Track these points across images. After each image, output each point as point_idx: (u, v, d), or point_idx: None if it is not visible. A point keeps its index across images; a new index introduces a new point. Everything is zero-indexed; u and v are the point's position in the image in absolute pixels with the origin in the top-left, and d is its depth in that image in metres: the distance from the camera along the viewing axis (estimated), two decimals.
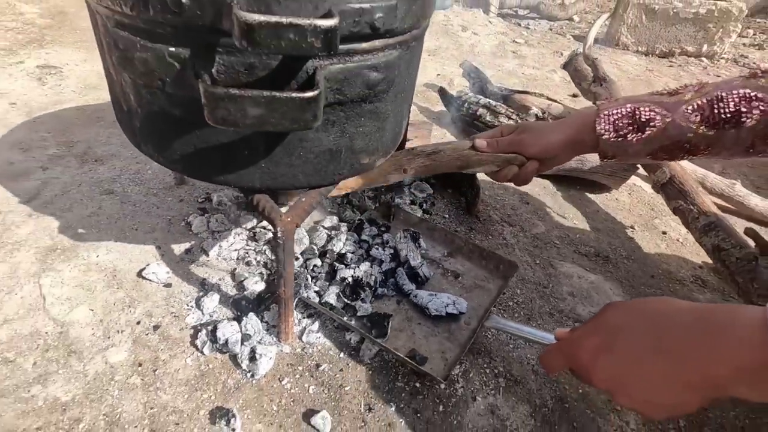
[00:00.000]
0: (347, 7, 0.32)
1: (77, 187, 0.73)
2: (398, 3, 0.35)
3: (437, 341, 0.57)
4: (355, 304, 0.58)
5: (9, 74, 1.06)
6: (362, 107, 0.41)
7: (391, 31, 0.37)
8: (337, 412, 0.49)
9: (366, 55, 0.37)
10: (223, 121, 0.32)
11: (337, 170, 0.45)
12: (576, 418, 0.51)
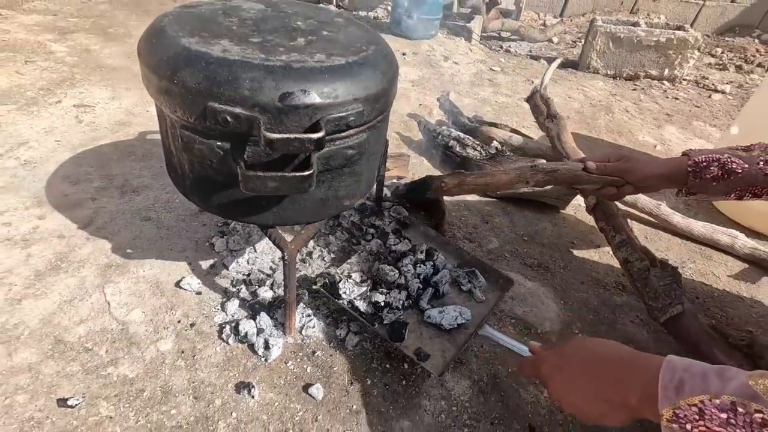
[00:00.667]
0: (330, 116, 0.51)
1: (121, 215, 0.92)
2: (364, 108, 0.54)
3: (440, 342, 0.72)
4: (382, 314, 0.73)
5: (50, 113, 1.25)
6: (343, 170, 0.60)
7: (360, 124, 0.55)
8: (328, 385, 0.67)
9: (344, 140, 0.55)
10: (252, 189, 0.50)
11: (327, 212, 0.64)
12: (504, 389, 0.70)
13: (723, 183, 0.65)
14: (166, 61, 0.50)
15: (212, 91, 0.48)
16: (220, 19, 0.59)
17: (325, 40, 0.58)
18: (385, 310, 0.75)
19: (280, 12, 0.65)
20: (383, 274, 0.79)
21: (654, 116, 1.81)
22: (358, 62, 0.55)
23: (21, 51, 1.57)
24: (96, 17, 1.98)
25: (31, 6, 2.00)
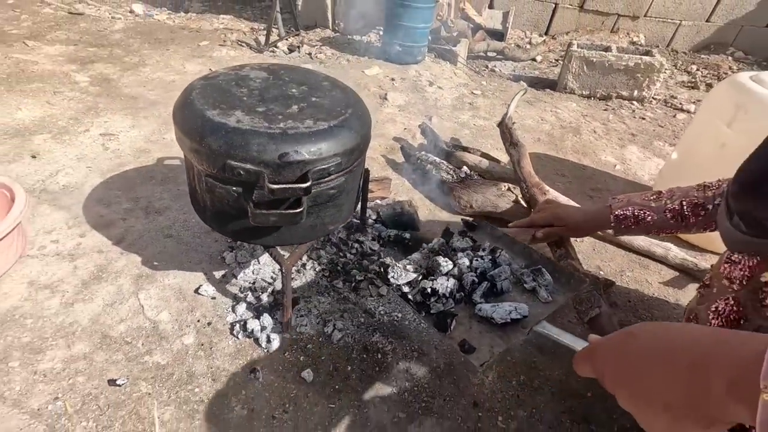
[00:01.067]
0: (315, 168, 0.69)
1: (147, 233, 1.10)
2: (342, 160, 0.73)
3: (490, 337, 0.70)
4: (429, 303, 0.73)
5: (80, 141, 1.43)
6: (327, 204, 0.78)
7: (339, 171, 0.74)
8: (316, 370, 0.85)
9: (327, 183, 0.74)
10: (258, 222, 0.69)
11: (316, 235, 0.83)
12: (456, 374, 0.88)
13: (639, 228, 0.83)
14: (195, 129, 0.69)
15: (230, 153, 0.66)
16: (234, 90, 0.77)
17: (313, 106, 0.77)
18: (433, 298, 0.74)
19: (279, 80, 0.83)
20: (436, 265, 0.79)
21: (619, 136, 2.00)
22: (338, 125, 0.73)
23: (49, 81, 1.77)
24: (113, 46, 2.17)
25: (54, 36, 2.19)
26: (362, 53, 2.40)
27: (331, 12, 2.66)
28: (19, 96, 1.62)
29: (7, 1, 2.59)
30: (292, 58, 2.29)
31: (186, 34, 2.43)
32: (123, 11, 2.93)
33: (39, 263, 0.98)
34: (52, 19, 2.43)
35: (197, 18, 2.95)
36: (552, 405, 0.85)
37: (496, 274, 0.78)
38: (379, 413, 0.79)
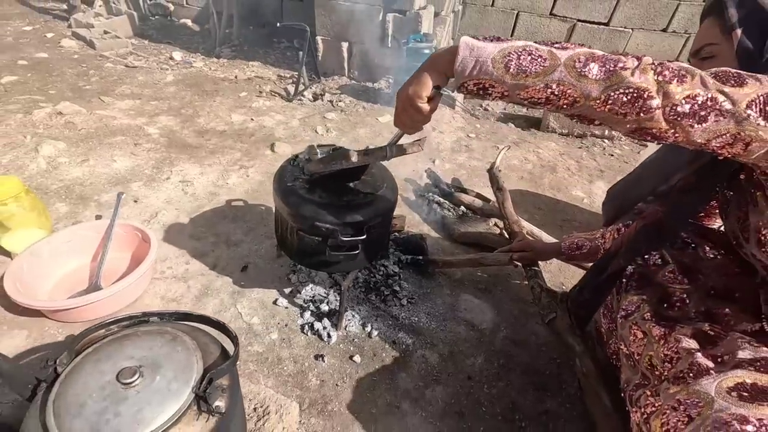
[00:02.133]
0: (368, 225, 1.11)
1: (232, 260, 1.52)
2: (382, 218, 1.15)
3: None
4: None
5: (165, 187, 1.86)
6: (372, 244, 1.20)
7: (380, 224, 1.16)
8: (362, 356, 1.25)
9: (373, 233, 1.16)
10: (332, 260, 1.11)
11: (363, 264, 1.24)
12: (455, 358, 1.28)
13: (581, 255, 1.25)
14: (293, 202, 1.11)
15: (316, 218, 1.08)
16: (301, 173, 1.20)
17: (362, 182, 1.19)
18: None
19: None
20: None
21: (589, 173, 2.42)
22: (380, 195, 1.16)
23: (128, 134, 2.20)
24: (169, 99, 2.62)
25: (120, 91, 2.64)
26: (375, 100, 2.84)
27: (347, 62, 3.11)
28: (109, 148, 2.05)
29: (73, 57, 3.05)
30: (317, 106, 2.73)
31: (227, 85, 2.88)
32: (165, 58, 3.39)
33: (163, 284, 1.39)
34: (114, 73, 2.88)
35: (229, 64, 3.41)
36: (521, 378, 1.25)
37: None
38: (405, 383, 1.20)
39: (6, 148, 1.95)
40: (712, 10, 0.83)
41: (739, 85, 0.61)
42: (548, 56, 0.65)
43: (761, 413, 0.58)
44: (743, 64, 0.75)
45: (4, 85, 2.52)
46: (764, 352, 0.73)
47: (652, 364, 0.85)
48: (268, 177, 2.00)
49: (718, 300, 0.91)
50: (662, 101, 0.61)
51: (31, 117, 2.20)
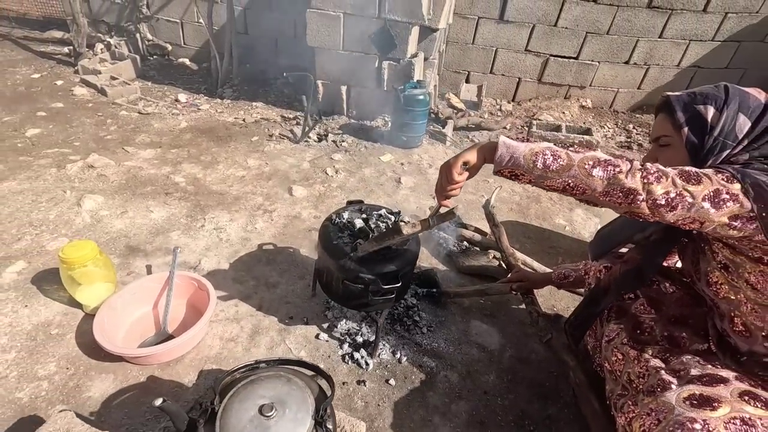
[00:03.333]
0: (400, 273, 1.38)
1: (274, 301, 1.75)
2: (410, 266, 1.41)
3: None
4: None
5: (201, 235, 2.08)
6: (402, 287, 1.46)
7: (410, 271, 1.42)
8: (395, 378, 1.50)
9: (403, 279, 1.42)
10: (373, 302, 1.37)
11: (393, 303, 1.50)
12: (472, 376, 1.55)
13: (568, 283, 1.55)
14: (339, 256, 1.37)
15: (360, 270, 1.34)
16: (349, 230, 1.46)
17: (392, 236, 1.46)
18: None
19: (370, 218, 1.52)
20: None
21: (569, 202, 2.75)
22: (408, 248, 1.42)
23: (157, 183, 2.41)
24: (187, 146, 2.84)
25: (140, 140, 2.85)
26: (374, 139, 3.12)
27: (346, 103, 3.40)
28: (143, 199, 2.26)
29: (87, 105, 3.23)
30: (322, 147, 2.99)
31: (238, 129, 3.12)
32: (171, 101, 3.60)
33: (220, 326, 1.62)
34: (130, 121, 3.08)
35: (233, 105, 3.65)
36: (527, 390, 1.52)
37: None
38: (433, 399, 1.46)
39: (50, 203, 2.14)
40: (663, 108, 1.12)
41: (697, 183, 0.89)
42: (566, 158, 0.92)
43: (705, 416, 0.86)
44: (691, 153, 1.04)
45: (31, 139, 2.70)
46: (709, 369, 1.02)
47: (630, 379, 1.13)
48: (291, 220, 2.25)
49: (677, 326, 1.21)
50: (646, 197, 0.89)
51: (65, 171, 2.39)
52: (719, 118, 1.01)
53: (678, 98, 1.07)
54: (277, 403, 0.86)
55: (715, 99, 1.03)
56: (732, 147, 1.02)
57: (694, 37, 4.03)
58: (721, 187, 0.88)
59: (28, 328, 1.53)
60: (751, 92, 1.03)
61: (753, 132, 1.00)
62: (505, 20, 3.98)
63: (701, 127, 1.03)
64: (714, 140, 1.02)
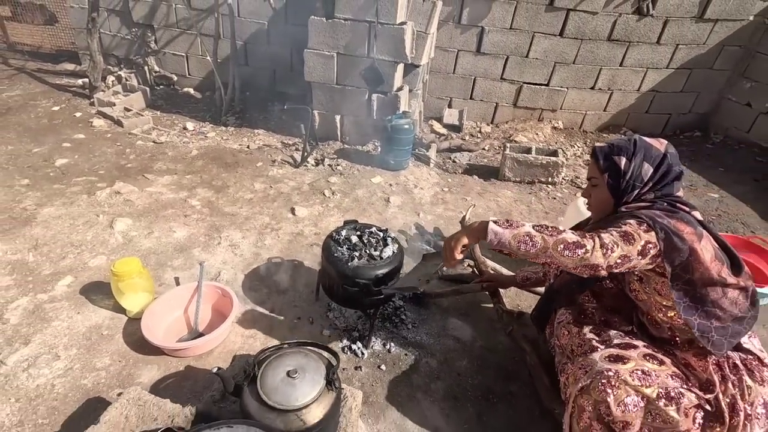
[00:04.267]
0: (388, 278, 1.74)
1: (284, 306, 2.10)
2: (396, 272, 1.78)
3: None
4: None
5: (219, 251, 2.42)
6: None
7: (396, 275, 1.79)
8: (386, 365, 1.85)
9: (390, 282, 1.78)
10: (367, 303, 1.72)
11: (383, 303, 1.86)
12: (449, 362, 1.90)
13: (530, 283, 1.92)
14: (339, 266, 1.73)
15: (356, 276, 1.70)
16: (349, 243, 1.82)
17: (383, 249, 1.82)
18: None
19: (364, 235, 1.89)
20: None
21: (537, 215, 3.14)
22: (395, 255, 1.79)
23: (176, 207, 2.76)
24: (200, 172, 3.19)
25: (158, 167, 3.20)
26: (366, 162, 3.51)
27: (340, 130, 3.79)
28: (165, 220, 2.61)
29: (106, 136, 3.59)
30: (320, 170, 3.37)
31: (243, 156, 3.48)
32: (180, 129, 3.96)
33: (241, 326, 1.96)
34: (146, 150, 3.44)
35: (237, 132, 4.02)
36: (493, 372, 1.88)
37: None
38: (417, 380, 1.80)
39: (86, 226, 2.48)
40: (592, 156, 1.51)
41: (633, 243, 1.21)
42: (541, 242, 1.22)
43: (617, 367, 1.23)
44: (612, 192, 1.38)
45: (60, 168, 3.04)
46: (627, 340, 1.39)
47: (572, 350, 1.50)
48: (294, 236, 2.60)
49: (612, 313, 1.58)
50: (605, 265, 1.21)
51: (96, 197, 2.73)
52: (629, 166, 1.32)
53: (601, 149, 1.39)
54: (299, 369, 1.22)
55: (626, 151, 1.33)
56: (640, 188, 1.33)
57: (650, 65, 4.50)
58: (645, 240, 1.19)
59: (83, 330, 1.86)
60: (654, 144, 1.34)
61: (655, 176, 1.32)
62: (481, 52, 4.42)
63: (616, 172, 1.34)
64: (626, 183, 1.33)
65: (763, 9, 4.26)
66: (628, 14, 4.19)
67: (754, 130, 4.57)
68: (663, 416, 1.19)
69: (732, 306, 1.29)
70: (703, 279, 1.25)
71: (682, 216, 1.28)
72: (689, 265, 1.23)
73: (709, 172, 4.10)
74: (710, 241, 1.29)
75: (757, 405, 1.21)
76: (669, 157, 1.33)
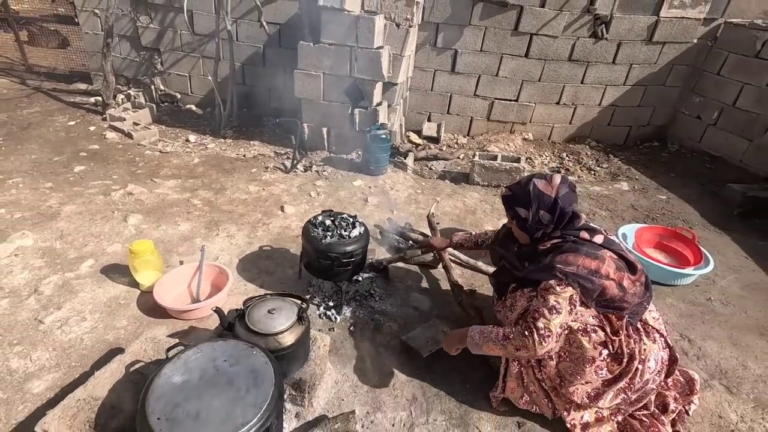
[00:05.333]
0: (355, 252, 2.15)
1: (273, 282, 2.48)
2: (363, 249, 2.18)
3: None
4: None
5: (218, 240, 2.82)
6: (358, 265, 2.22)
7: (362, 252, 2.19)
8: (356, 327, 2.23)
9: (358, 257, 2.19)
10: (337, 273, 2.13)
11: (353, 275, 2.26)
12: (407, 326, 2.29)
13: (464, 246, 2.33)
14: (315, 243, 2.13)
15: (329, 251, 2.10)
16: (324, 226, 2.23)
17: (351, 229, 2.23)
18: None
19: (336, 220, 2.30)
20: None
21: (499, 214, 3.55)
22: (361, 234, 2.20)
23: (180, 205, 3.17)
24: (201, 177, 3.62)
25: (164, 173, 3.62)
26: (349, 168, 3.94)
27: (326, 141, 4.23)
28: (172, 216, 3.02)
29: (118, 147, 4.02)
30: (308, 176, 3.79)
31: (240, 163, 3.92)
32: (183, 141, 4.40)
33: (234, 297, 2.35)
34: (153, 158, 3.87)
35: (234, 144, 4.46)
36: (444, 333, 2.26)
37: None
38: (380, 339, 2.19)
39: (103, 220, 2.89)
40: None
41: (559, 313, 1.53)
42: (501, 351, 1.55)
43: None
44: (524, 232, 1.73)
45: (78, 174, 3.46)
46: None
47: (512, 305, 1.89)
48: (283, 230, 3.01)
49: None
50: (554, 341, 1.49)
51: (111, 197, 3.15)
52: (528, 214, 1.59)
53: (505, 199, 1.70)
54: (277, 309, 1.61)
55: (524, 203, 1.60)
56: (544, 229, 1.60)
57: (608, 82, 4.99)
58: (568, 302, 1.48)
59: (104, 300, 2.25)
60: (546, 191, 1.56)
61: (554, 219, 1.57)
62: (456, 72, 4.91)
63: (520, 220, 1.64)
64: (530, 227, 1.62)
65: (705, 33, 4.77)
66: (585, 38, 4.70)
67: (704, 140, 5.04)
68: (577, 343, 1.58)
69: (633, 297, 1.62)
70: (612, 295, 1.56)
71: (586, 252, 1.52)
72: (603, 290, 1.54)
73: (660, 177, 4.54)
74: (611, 257, 1.56)
75: (649, 358, 1.60)
76: (560, 201, 1.55)
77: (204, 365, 1.34)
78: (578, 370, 1.57)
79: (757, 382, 2.14)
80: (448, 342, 1.80)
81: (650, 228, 3.11)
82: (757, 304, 2.71)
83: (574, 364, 1.58)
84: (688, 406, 1.88)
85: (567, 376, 1.60)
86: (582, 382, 1.59)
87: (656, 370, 1.61)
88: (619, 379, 1.57)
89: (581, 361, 1.57)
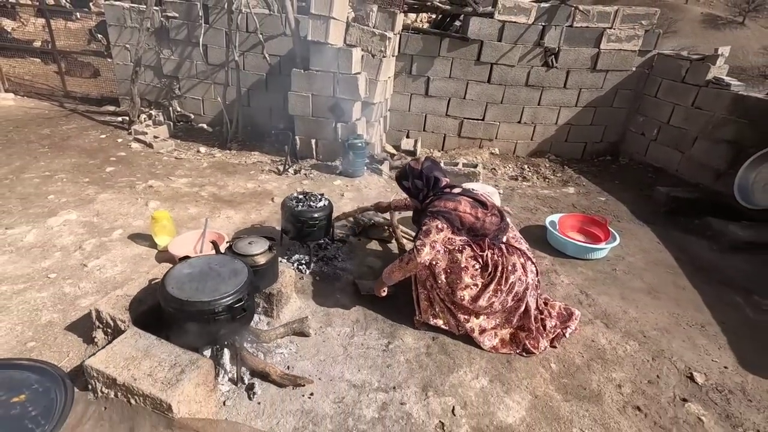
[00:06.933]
0: (320, 218, 2.85)
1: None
2: (327, 215, 2.89)
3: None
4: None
5: (220, 220, 3.53)
6: (322, 228, 2.92)
7: (325, 218, 2.90)
8: (321, 279, 2.90)
9: (322, 222, 2.89)
10: (306, 233, 2.83)
11: (320, 237, 2.96)
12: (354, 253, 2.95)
13: (401, 208, 3.03)
14: (290, 211, 2.85)
15: (300, 215, 2.81)
16: (298, 198, 2.95)
17: (317, 201, 2.94)
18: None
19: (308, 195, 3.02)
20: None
21: None
22: (325, 205, 2.91)
23: (190, 196, 3.92)
24: (208, 176, 4.38)
25: (178, 173, 4.40)
26: (332, 172, 4.69)
27: (315, 150, 5.01)
28: (183, 204, 3.76)
29: (141, 154, 4.84)
30: (297, 177, 4.55)
31: (241, 167, 4.70)
32: (195, 151, 5.21)
33: None
34: (170, 163, 4.66)
35: (238, 154, 5.25)
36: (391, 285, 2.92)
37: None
38: (338, 285, 2.85)
39: (129, 204, 3.64)
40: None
41: (430, 234, 2.32)
42: (400, 272, 2.37)
43: (435, 238, 2.30)
44: (413, 198, 2.58)
45: (109, 173, 4.25)
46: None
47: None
48: (272, 214, 3.73)
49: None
50: (429, 253, 2.30)
51: (135, 189, 3.91)
52: (409, 184, 2.51)
53: (396, 180, 2.64)
54: (254, 242, 2.32)
55: (405, 178, 2.52)
56: (421, 193, 2.51)
57: (562, 104, 5.77)
58: (435, 225, 2.21)
59: (131, 255, 2.96)
60: (415, 167, 2.48)
61: (425, 184, 2.47)
62: (429, 95, 5.73)
63: (405, 189, 2.59)
64: (413, 192, 2.52)
65: (642, 62, 5.57)
66: (538, 66, 5.52)
67: (648, 154, 5.74)
68: (455, 259, 2.27)
69: (492, 225, 2.38)
70: (471, 223, 2.34)
71: (446, 198, 2.32)
72: (462, 220, 2.33)
73: (606, 184, 5.22)
74: (466, 199, 2.37)
75: (511, 264, 2.28)
76: (424, 171, 2.42)
77: (202, 265, 2.04)
78: (458, 278, 2.24)
79: (631, 322, 2.75)
80: (376, 287, 2.48)
81: (572, 215, 3.79)
82: (655, 275, 3.33)
83: (455, 274, 2.25)
84: (565, 330, 2.51)
85: (452, 285, 2.26)
86: (462, 287, 2.25)
87: (520, 274, 2.27)
88: (490, 283, 2.23)
89: (458, 270, 2.24)
